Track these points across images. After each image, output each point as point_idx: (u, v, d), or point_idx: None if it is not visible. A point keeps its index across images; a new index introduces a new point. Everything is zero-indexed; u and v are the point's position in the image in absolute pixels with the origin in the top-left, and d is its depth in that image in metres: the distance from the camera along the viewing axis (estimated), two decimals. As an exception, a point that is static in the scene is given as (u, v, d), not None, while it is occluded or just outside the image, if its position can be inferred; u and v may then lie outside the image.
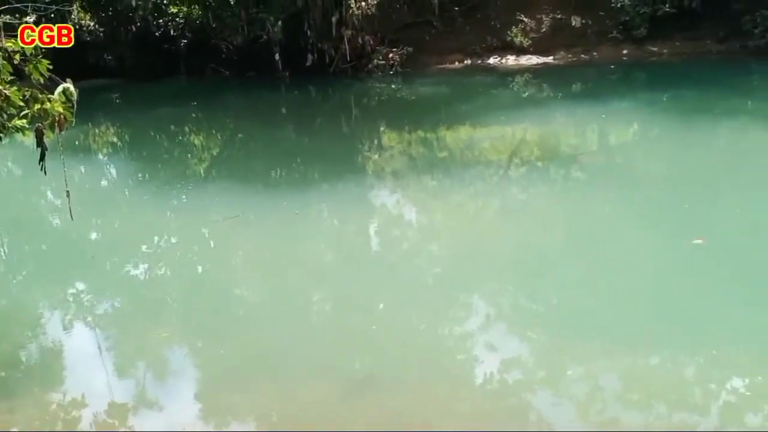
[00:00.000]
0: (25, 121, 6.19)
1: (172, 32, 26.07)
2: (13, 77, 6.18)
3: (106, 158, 16.27)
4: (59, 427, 5.68)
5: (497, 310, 7.27)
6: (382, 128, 17.49)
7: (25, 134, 6.30)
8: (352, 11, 23.99)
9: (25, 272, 9.26)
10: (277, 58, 24.38)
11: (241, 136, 18.11)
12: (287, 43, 24.40)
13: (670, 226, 8.86)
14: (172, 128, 18.75)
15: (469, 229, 9.79)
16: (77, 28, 23.86)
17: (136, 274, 8.87)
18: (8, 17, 8.85)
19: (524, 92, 20.79)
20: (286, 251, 9.01)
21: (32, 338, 7.15)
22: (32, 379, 6.41)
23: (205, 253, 9.35)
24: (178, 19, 26.12)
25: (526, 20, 23.97)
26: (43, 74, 6.28)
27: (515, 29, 23.80)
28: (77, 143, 16.21)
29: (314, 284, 8.05)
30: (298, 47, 24.35)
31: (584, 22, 23.66)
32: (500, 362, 6.10)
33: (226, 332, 6.99)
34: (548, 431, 5.27)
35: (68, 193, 7.01)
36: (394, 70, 23.92)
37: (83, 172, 14.07)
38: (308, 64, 24.33)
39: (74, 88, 6.31)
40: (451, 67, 24.04)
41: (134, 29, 26.00)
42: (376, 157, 14.62)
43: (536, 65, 23.13)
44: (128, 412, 5.85)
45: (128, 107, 22.36)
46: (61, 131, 6.29)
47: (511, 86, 21.36)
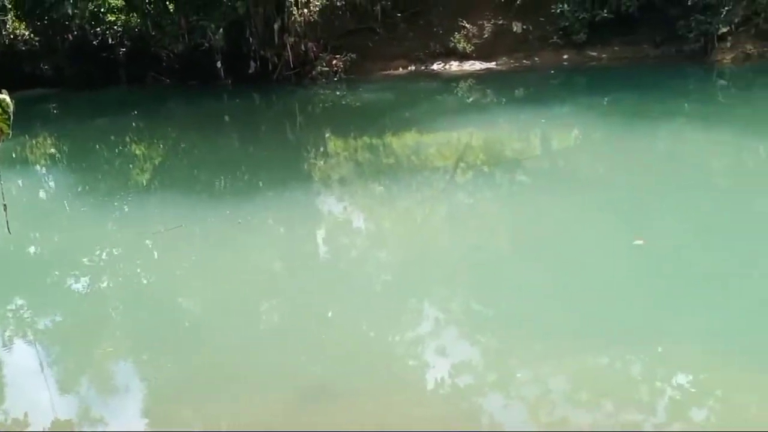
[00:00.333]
0: (-42, 133, 6.00)
1: (110, 40, 25.63)
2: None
3: (44, 170, 15.87)
4: (0, 449, 5.50)
5: (447, 315, 7.30)
6: (327, 135, 17.44)
7: (-42, 147, 6.11)
8: (294, 18, 23.93)
9: (-40, 289, 8.94)
10: (219, 65, 24.20)
11: (183, 145, 17.86)
12: (229, 50, 24.22)
13: (611, 227, 9.03)
14: (112, 138, 18.38)
15: (417, 234, 9.83)
16: (11, 37, 23.28)
17: (77, 288, 8.64)
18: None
19: (468, 97, 20.99)
20: (230, 261, 8.90)
21: (-31, 358, 6.90)
22: (-30, 400, 6.19)
23: (148, 264, 9.17)
24: (116, 27, 25.68)
25: (468, 26, 24.23)
26: (-24, 85, 6.10)
27: (458, 35, 24.02)
28: (14, 155, 15.78)
29: (261, 294, 7.95)
30: (240, 55, 24.18)
31: (525, 27, 24.01)
32: (452, 367, 6.13)
33: (173, 345, 6.86)
34: (500, 433, 5.32)
35: (5, 206, 6.78)
36: (338, 76, 23.91)
37: (21, 185, 13.70)
38: (251, 71, 24.18)
39: (10, 99, 6.12)
40: (395, 73, 24.14)
41: (71, 38, 25.50)
42: (322, 164, 14.56)
43: (479, 71, 23.37)
44: (73, 429, 5.68)
45: (67, 117, 21.86)
46: (-4, 143, 6.12)
47: (455, 92, 21.54)
